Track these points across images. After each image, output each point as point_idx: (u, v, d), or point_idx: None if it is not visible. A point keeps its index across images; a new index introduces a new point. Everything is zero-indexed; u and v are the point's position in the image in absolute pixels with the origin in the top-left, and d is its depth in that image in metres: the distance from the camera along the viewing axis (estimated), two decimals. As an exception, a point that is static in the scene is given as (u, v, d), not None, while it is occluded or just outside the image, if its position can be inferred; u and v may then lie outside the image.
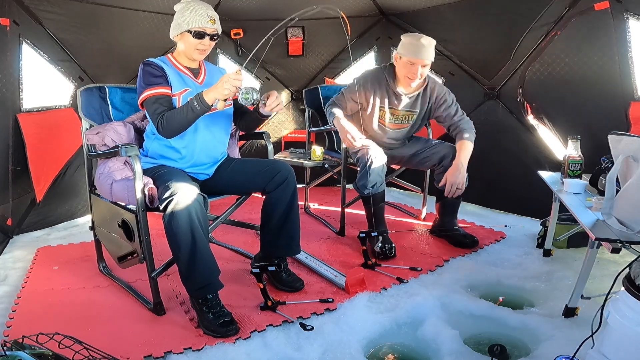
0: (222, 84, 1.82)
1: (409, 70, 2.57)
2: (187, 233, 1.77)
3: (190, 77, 2.07)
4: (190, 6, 1.99)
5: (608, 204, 1.69)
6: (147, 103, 1.97)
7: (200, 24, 1.96)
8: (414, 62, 2.53)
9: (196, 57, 2.04)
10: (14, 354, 1.18)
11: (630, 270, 1.31)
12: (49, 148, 3.01)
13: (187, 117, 1.89)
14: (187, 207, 1.75)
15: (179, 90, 2.00)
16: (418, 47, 2.51)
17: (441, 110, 2.73)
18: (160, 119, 1.92)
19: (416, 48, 2.52)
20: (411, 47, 2.54)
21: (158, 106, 1.94)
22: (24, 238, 2.94)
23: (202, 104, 1.85)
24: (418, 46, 2.51)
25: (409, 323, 1.90)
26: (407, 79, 2.60)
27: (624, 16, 2.57)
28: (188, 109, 1.87)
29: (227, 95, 1.84)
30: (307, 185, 3.45)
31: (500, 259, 2.53)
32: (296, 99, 4.25)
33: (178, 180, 1.82)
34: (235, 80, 1.82)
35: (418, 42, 2.52)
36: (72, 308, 2.02)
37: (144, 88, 1.96)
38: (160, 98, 1.95)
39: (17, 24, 2.76)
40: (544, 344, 1.70)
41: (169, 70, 2.00)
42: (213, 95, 1.84)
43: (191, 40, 1.99)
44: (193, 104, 1.86)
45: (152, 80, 1.96)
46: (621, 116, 2.66)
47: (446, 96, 2.72)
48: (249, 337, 1.79)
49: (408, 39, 2.58)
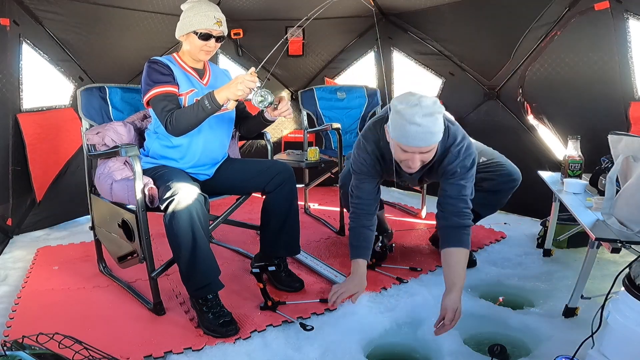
0: (235, 85, 1.80)
1: (402, 157, 1.78)
2: (188, 233, 1.76)
3: (196, 78, 2.06)
4: (197, 7, 1.97)
5: (608, 204, 1.69)
6: (154, 100, 1.94)
7: (207, 25, 1.95)
8: (405, 149, 1.74)
9: (202, 57, 2.04)
10: (14, 354, 1.18)
11: (630, 270, 1.31)
12: (49, 148, 3.01)
13: (198, 116, 1.87)
14: (188, 207, 1.75)
15: (185, 90, 1.99)
16: (408, 132, 1.67)
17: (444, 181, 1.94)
18: (169, 116, 1.89)
19: (405, 131, 1.68)
20: (400, 128, 1.69)
21: (167, 103, 1.91)
22: (24, 238, 2.94)
23: (214, 103, 1.83)
24: (408, 130, 1.67)
25: (409, 323, 1.89)
26: (402, 163, 1.83)
27: (624, 16, 2.58)
28: (199, 108, 1.85)
29: (240, 96, 1.82)
30: (307, 185, 3.45)
31: (500, 259, 2.53)
32: (296, 99, 4.24)
33: (179, 180, 1.82)
34: (250, 82, 1.80)
35: (410, 124, 1.65)
36: (72, 308, 2.02)
37: (151, 86, 1.93)
38: (168, 96, 1.93)
39: (17, 24, 2.76)
40: (544, 344, 1.70)
41: (175, 70, 1.99)
42: (225, 95, 1.83)
43: (197, 41, 1.97)
44: (204, 103, 1.84)
45: (160, 78, 1.93)
46: (621, 116, 2.66)
47: (456, 169, 1.89)
48: (249, 337, 1.79)
49: (396, 115, 1.70)
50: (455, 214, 1.87)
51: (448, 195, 1.89)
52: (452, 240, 1.85)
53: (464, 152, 1.89)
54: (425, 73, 3.86)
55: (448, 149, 1.89)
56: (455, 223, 1.86)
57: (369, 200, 2.04)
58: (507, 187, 2.26)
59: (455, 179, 1.89)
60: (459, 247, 1.83)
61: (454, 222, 1.86)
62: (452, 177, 1.89)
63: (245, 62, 4.00)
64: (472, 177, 1.92)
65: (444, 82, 3.74)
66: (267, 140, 2.41)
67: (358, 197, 2.05)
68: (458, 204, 1.88)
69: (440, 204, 1.93)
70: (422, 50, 3.78)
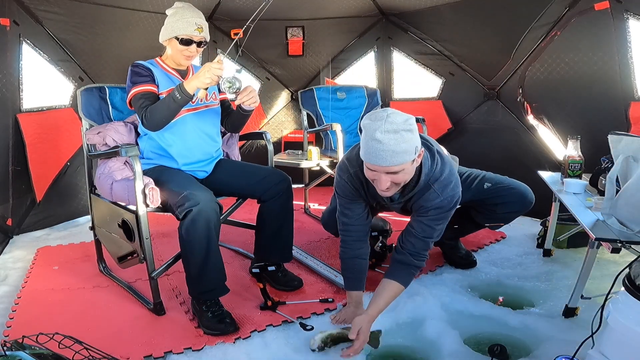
0: (203, 73, 1.84)
1: (370, 175, 1.64)
2: (203, 242, 1.79)
3: (178, 78, 2.10)
4: (179, 12, 2.02)
5: (608, 204, 1.69)
6: (134, 100, 2.00)
7: (187, 31, 1.99)
8: (369, 167, 1.60)
9: (183, 62, 2.08)
10: (14, 354, 1.18)
11: (630, 270, 1.30)
12: (49, 148, 3.01)
13: (170, 108, 1.91)
14: (207, 218, 1.77)
15: (166, 89, 2.03)
16: (369, 148, 1.54)
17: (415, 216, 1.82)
18: (144, 112, 1.95)
19: (367, 147, 1.55)
20: (364, 144, 1.57)
21: (143, 101, 1.97)
22: (24, 238, 2.94)
23: (184, 93, 1.87)
24: (370, 146, 1.54)
25: (409, 323, 1.90)
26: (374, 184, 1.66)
27: (624, 16, 2.58)
28: (170, 99, 1.90)
29: (208, 83, 1.86)
30: (307, 186, 3.45)
31: (500, 259, 2.53)
32: (296, 99, 4.25)
33: (194, 188, 1.85)
34: (216, 70, 1.83)
35: (371, 140, 1.52)
36: (72, 308, 2.02)
37: (131, 87, 2.00)
38: (145, 94, 1.98)
39: (17, 24, 2.76)
40: (544, 344, 1.70)
41: (156, 71, 2.04)
42: (194, 84, 1.86)
43: (178, 46, 2.02)
44: (174, 94, 1.88)
45: (138, 79, 2.00)
46: (621, 116, 2.66)
47: (431, 209, 1.76)
48: (249, 337, 1.79)
49: (363, 130, 1.58)
50: (412, 254, 1.79)
51: (413, 233, 1.79)
52: (397, 275, 1.79)
53: (447, 192, 1.74)
54: (425, 73, 3.86)
55: (431, 185, 1.74)
56: (408, 261, 1.79)
57: (357, 226, 1.89)
58: (521, 209, 2.21)
59: (426, 218, 1.77)
60: (399, 284, 1.78)
61: (409, 260, 1.79)
62: (424, 216, 1.77)
63: (245, 62, 4.00)
64: (447, 219, 1.80)
65: (444, 82, 3.74)
66: (267, 140, 2.41)
67: (345, 224, 1.90)
68: (418, 244, 1.79)
69: (401, 240, 1.83)
70: (422, 50, 3.78)
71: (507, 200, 2.16)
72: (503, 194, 2.16)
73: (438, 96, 3.81)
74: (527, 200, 2.18)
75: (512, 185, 2.18)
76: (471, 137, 3.61)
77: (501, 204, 2.18)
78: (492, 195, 2.17)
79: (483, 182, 2.18)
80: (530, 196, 2.19)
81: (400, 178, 1.60)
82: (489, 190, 2.17)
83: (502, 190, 2.16)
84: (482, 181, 2.19)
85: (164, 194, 1.86)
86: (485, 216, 2.27)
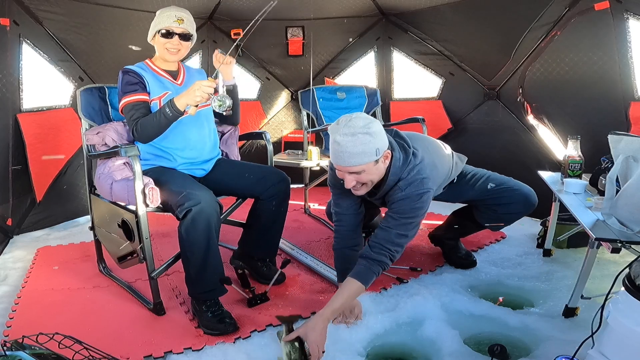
0: (194, 91, 1.85)
1: (337, 175, 1.78)
2: (203, 242, 1.80)
3: (169, 80, 2.10)
4: (162, 10, 2.07)
5: (608, 204, 1.69)
6: (125, 110, 2.02)
7: (167, 23, 2.02)
8: (335, 167, 1.75)
9: (167, 57, 2.08)
10: (14, 354, 1.18)
11: (630, 270, 1.30)
12: (49, 148, 3.01)
13: (160, 123, 1.93)
14: (207, 217, 1.78)
15: (158, 95, 2.04)
16: (331, 149, 1.69)
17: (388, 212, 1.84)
18: (135, 125, 1.96)
19: (332, 149, 1.68)
20: (330, 146, 1.70)
21: (134, 112, 1.98)
22: (24, 238, 2.94)
23: (174, 109, 1.89)
24: (331, 147, 1.68)
25: (409, 323, 1.89)
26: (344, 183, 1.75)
27: (624, 16, 2.58)
28: (161, 115, 1.91)
29: (198, 101, 1.87)
30: (307, 186, 3.45)
31: (500, 259, 2.53)
32: (296, 99, 4.25)
33: (194, 188, 1.85)
34: (207, 87, 1.85)
35: (332, 142, 1.66)
36: (72, 308, 2.02)
37: (122, 96, 2.01)
38: (136, 105, 1.99)
39: (17, 24, 2.76)
40: (544, 344, 1.70)
41: (147, 75, 2.04)
42: (184, 101, 1.88)
43: (160, 40, 2.04)
44: (165, 110, 1.90)
45: (128, 88, 2.00)
46: (621, 116, 2.66)
47: (394, 205, 1.80)
48: (249, 336, 1.79)
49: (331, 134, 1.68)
50: (372, 245, 1.78)
51: (380, 226, 1.80)
52: (356, 272, 1.76)
53: (410, 189, 1.76)
54: (425, 73, 3.86)
55: (397, 183, 1.78)
56: (367, 254, 1.77)
57: (349, 215, 1.96)
58: (523, 210, 2.21)
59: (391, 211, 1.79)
60: (359, 282, 1.74)
61: (367, 253, 1.77)
62: (390, 209, 1.80)
63: (245, 62, 4.01)
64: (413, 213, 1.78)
65: (444, 82, 3.75)
66: (266, 140, 2.41)
67: (338, 214, 1.97)
68: (380, 233, 1.79)
69: (375, 234, 1.81)
70: (422, 50, 3.78)
71: (509, 201, 2.17)
72: (506, 195, 2.17)
73: (438, 96, 3.82)
74: (529, 202, 2.18)
75: (516, 187, 2.20)
76: (471, 137, 3.61)
77: (503, 205, 2.18)
78: (495, 196, 2.18)
79: (487, 183, 2.20)
80: (533, 198, 2.19)
81: (364, 178, 1.70)
82: (492, 191, 2.19)
83: (506, 191, 2.17)
84: (487, 181, 2.20)
85: (163, 194, 1.86)
86: (487, 216, 2.28)
